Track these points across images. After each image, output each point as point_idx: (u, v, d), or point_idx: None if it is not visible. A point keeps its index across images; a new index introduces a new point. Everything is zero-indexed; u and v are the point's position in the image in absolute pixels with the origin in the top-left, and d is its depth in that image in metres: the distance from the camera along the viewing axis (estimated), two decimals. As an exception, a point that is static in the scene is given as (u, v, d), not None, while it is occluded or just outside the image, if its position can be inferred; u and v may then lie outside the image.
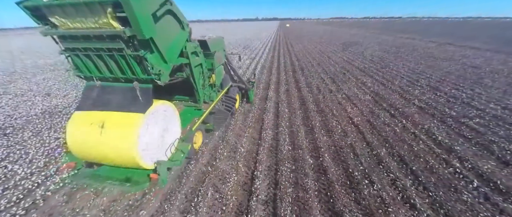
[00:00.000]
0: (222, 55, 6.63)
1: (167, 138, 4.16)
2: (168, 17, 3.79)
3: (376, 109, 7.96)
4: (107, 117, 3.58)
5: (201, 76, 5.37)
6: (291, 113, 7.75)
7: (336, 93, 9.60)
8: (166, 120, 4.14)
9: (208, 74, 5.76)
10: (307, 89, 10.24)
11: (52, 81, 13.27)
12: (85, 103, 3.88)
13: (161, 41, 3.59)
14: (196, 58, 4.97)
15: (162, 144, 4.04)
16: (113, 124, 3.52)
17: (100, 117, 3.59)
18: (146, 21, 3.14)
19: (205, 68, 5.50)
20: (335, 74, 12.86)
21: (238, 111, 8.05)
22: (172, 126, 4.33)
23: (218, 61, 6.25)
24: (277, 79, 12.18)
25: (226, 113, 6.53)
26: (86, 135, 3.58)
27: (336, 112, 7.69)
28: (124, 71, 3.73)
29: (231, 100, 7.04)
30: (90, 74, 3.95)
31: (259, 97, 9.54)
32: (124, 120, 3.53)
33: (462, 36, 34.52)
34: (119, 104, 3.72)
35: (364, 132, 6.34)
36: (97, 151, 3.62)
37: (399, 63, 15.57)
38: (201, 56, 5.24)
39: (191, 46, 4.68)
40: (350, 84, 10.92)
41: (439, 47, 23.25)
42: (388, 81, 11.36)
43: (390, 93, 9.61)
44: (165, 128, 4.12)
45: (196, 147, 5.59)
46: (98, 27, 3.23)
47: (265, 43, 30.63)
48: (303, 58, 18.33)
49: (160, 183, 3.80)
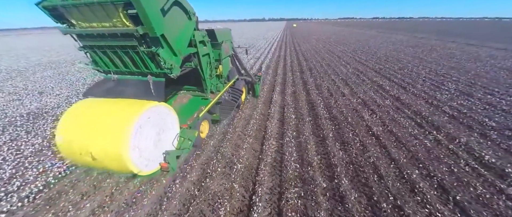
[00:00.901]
0: (229, 46, 6.68)
1: (163, 141, 4.03)
2: (175, 8, 3.82)
3: (398, 117, 6.81)
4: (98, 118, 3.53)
5: (208, 66, 5.41)
6: (299, 120, 6.72)
7: (350, 97, 8.48)
8: (161, 122, 3.97)
9: (215, 64, 5.86)
10: (317, 92, 9.18)
11: (49, 79, 12.80)
12: (97, 91, 4.22)
13: (171, 34, 3.70)
14: (203, 48, 5.03)
15: (157, 147, 3.91)
16: (104, 125, 3.43)
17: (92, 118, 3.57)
18: (156, 17, 3.28)
19: (212, 58, 5.58)
20: (347, 75, 11.70)
21: (237, 116, 7.12)
22: (168, 128, 4.18)
23: (225, 52, 6.30)
24: (283, 80, 11.16)
25: (232, 104, 6.58)
26: (76, 135, 3.49)
27: (352, 120, 6.60)
28: (139, 66, 3.96)
29: (237, 92, 7.05)
30: (107, 68, 4.24)
31: (263, 100, 8.56)
32: (115, 121, 3.43)
33: (482, 36, 32.20)
34: (134, 96, 3.90)
35: (388, 146, 5.24)
36: (86, 151, 3.41)
37: (419, 64, 14.18)
38: (209, 46, 5.29)
39: (199, 35, 4.74)
40: (365, 87, 9.76)
41: (460, 47, 21.48)
42: (408, 84, 10.10)
43: (413, 98, 8.39)
44: (160, 131, 3.97)
45: (202, 136, 5.62)
46: (112, 25, 3.40)
47: (271, 42, 29.60)
48: (311, 58, 17.19)
49: (170, 170, 3.97)
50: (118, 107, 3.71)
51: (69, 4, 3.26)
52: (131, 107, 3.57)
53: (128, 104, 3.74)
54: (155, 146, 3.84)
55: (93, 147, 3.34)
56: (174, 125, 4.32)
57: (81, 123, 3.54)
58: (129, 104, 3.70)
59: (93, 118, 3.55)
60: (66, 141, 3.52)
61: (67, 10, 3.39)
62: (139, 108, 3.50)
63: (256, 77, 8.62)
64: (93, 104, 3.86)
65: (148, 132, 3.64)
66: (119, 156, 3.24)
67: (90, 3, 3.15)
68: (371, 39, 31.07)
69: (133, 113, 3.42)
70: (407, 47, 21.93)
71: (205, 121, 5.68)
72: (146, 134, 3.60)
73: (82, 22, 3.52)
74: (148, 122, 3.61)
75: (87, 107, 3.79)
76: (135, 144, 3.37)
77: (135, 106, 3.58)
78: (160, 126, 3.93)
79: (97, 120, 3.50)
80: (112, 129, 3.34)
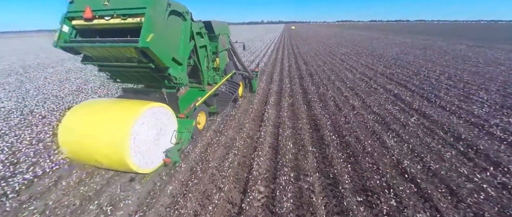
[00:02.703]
0: (226, 40, 6.74)
1: (162, 141, 4.14)
2: (171, 18, 3.99)
3: (434, 143, 5.00)
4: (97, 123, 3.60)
5: (205, 58, 5.50)
6: (299, 149, 4.88)
7: (362, 112, 6.67)
8: (158, 122, 4.04)
9: (212, 57, 5.92)
10: (320, 105, 7.36)
11: (21, 83, 10.89)
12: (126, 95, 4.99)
13: (174, 51, 4.14)
14: (201, 39, 5.12)
15: (157, 146, 4.03)
16: (106, 122, 3.56)
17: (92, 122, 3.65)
18: (165, 55, 3.81)
19: (209, 51, 5.65)
20: (354, 82, 9.92)
21: (213, 144, 5.26)
22: (166, 125, 4.26)
23: (222, 45, 6.34)
24: (279, 88, 9.34)
25: (229, 95, 6.60)
26: (77, 133, 3.61)
27: (372, 148, 4.78)
28: (152, 82, 4.60)
29: (234, 85, 7.08)
30: (125, 83, 5.32)
31: (252, 116, 6.72)
32: (116, 119, 3.54)
33: (487, 38, 30.81)
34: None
35: (432, 196, 3.42)
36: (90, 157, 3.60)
37: (433, 67, 12.47)
38: (206, 38, 5.35)
39: (196, 26, 4.80)
40: (379, 97, 7.97)
41: (471, 49, 19.90)
42: (430, 93, 8.33)
43: (442, 113, 6.60)
44: (160, 131, 4.07)
45: (200, 127, 5.67)
46: (128, 58, 3.87)
47: (267, 45, 27.91)
48: (311, 61, 15.45)
49: (174, 163, 4.24)
50: (114, 112, 3.78)
51: (85, 46, 3.71)
52: (128, 112, 3.61)
53: (124, 108, 3.80)
54: (156, 145, 3.99)
55: (96, 153, 3.48)
56: (171, 122, 4.42)
57: (81, 129, 3.62)
58: (126, 108, 3.77)
59: (93, 123, 3.63)
60: (70, 144, 3.66)
61: (84, 49, 3.89)
62: (134, 114, 3.55)
63: (253, 73, 8.62)
64: (92, 107, 4.02)
65: (146, 134, 3.74)
66: (122, 162, 3.40)
67: (105, 46, 3.55)
68: (374, 41, 29.50)
69: (129, 119, 3.46)
70: (414, 49, 20.30)
71: (202, 112, 5.74)
72: (144, 137, 3.70)
73: (99, 56, 3.97)
74: (144, 127, 3.68)
75: (87, 110, 3.90)
76: (135, 149, 3.48)
77: (131, 111, 3.61)
78: (158, 125, 4.03)
79: (97, 125, 3.58)
80: (111, 137, 3.39)
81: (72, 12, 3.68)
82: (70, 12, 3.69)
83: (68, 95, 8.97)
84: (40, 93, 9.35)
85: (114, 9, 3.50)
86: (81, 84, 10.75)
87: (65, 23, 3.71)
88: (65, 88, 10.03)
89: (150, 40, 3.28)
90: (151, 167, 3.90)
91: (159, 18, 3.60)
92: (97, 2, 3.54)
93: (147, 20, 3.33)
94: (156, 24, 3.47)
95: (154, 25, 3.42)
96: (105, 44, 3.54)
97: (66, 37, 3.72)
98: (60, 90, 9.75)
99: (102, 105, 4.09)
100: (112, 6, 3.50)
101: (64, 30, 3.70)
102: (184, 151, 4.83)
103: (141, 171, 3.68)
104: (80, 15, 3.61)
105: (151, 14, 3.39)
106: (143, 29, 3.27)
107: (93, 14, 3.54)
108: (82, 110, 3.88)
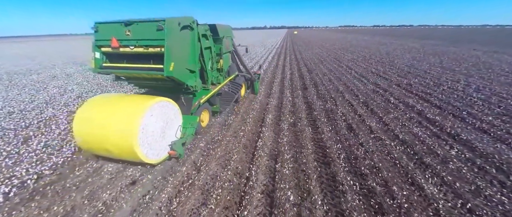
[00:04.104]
0: (229, 42, 7.06)
1: (168, 134, 4.35)
2: (182, 33, 4.40)
3: (489, 189, 3.57)
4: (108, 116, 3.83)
5: (210, 59, 5.78)
6: (302, 198, 3.49)
7: (383, 137, 5.27)
8: (165, 116, 4.24)
9: (216, 58, 6.20)
10: (329, 126, 5.99)
11: None
12: None
13: (188, 62, 4.76)
14: (206, 41, 5.40)
15: (163, 139, 4.23)
16: (117, 114, 3.81)
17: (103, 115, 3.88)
18: (184, 74, 4.62)
19: (214, 52, 5.95)
20: (367, 95, 8.54)
21: (172, 207, 3.91)
22: (171, 119, 4.44)
23: (226, 47, 6.66)
24: (278, 103, 8.00)
25: (231, 95, 6.92)
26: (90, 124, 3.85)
27: (406, 198, 3.37)
28: (173, 93, 5.08)
29: (237, 86, 7.31)
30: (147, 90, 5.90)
31: (243, 142, 5.34)
32: (127, 111, 3.80)
33: (499, 43, 29.15)
34: None
35: None
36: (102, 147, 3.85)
37: (454, 77, 11.01)
38: (211, 40, 5.68)
39: (202, 29, 5.11)
40: (400, 116, 6.57)
41: (488, 55, 18.36)
42: (461, 110, 6.90)
43: (487, 140, 5.16)
44: (166, 124, 4.28)
45: (203, 125, 5.91)
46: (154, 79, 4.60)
47: (269, 50, 26.79)
48: (315, 68, 14.14)
49: (178, 156, 4.35)
50: (125, 104, 4.02)
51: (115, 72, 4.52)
52: (138, 105, 3.85)
53: (134, 101, 4.05)
54: (162, 137, 4.18)
55: (107, 142, 3.72)
56: (177, 116, 4.60)
57: (94, 120, 3.84)
58: (136, 101, 4.02)
59: (105, 114, 3.86)
60: (83, 134, 3.91)
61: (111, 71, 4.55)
62: (144, 106, 3.76)
63: (256, 75, 8.85)
64: (103, 100, 4.25)
65: (154, 126, 3.94)
66: (131, 152, 3.64)
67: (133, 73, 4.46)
68: (381, 46, 28.13)
69: (139, 111, 3.69)
70: (427, 56, 18.85)
71: (205, 110, 5.98)
72: (152, 129, 3.90)
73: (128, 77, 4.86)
74: (152, 119, 3.87)
75: (100, 102, 4.18)
76: (144, 139, 3.70)
77: (141, 104, 3.83)
78: (164, 119, 4.22)
79: (108, 116, 3.80)
80: (121, 126, 3.62)
81: (100, 40, 4.23)
82: (98, 41, 4.24)
83: (32, 109, 7.74)
84: (6, 105, 8.18)
85: (136, 39, 4.02)
86: (56, 94, 9.60)
87: (96, 51, 4.29)
88: (36, 99, 8.86)
89: (173, 69, 4.01)
90: (157, 158, 4.11)
91: (175, 43, 4.11)
92: (120, 32, 4.03)
93: (167, 52, 3.87)
94: (174, 51, 4.06)
95: (173, 53, 4.02)
96: (133, 71, 4.30)
97: (99, 62, 4.38)
98: (29, 102, 8.58)
99: (114, 99, 4.34)
100: (133, 36, 4.02)
101: (96, 56, 4.31)
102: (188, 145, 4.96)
103: (147, 161, 3.89)
104: (108, 44, 4.14)
105: (170, 45, 3.90)
106: (165, 60, 3.86)
107: (119, 44, 4.07)
108: (95, 102, 4.16)
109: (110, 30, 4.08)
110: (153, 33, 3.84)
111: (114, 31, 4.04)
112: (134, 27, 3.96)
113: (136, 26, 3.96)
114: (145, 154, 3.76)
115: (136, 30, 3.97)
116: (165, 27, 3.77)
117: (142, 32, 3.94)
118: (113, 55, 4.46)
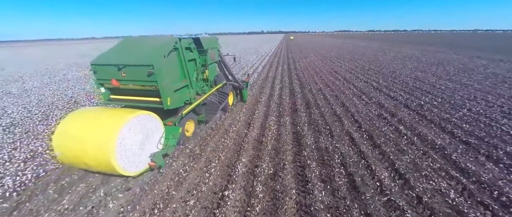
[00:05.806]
0: (215, 53, 7.18)
1: (148, 147, 4.36)
2: (169, 57, 4.68)
3: None
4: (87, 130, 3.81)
5: (194, 71, 5.86)
6: None
7: (400, 202, 3.52)
8: (144, 129, 4.24)
9: (202, 69, 6.32)
10: (322, 179, 4.22)
11: None
12: None
13: (180, 79, 5.24)
14: (190, 54, 5.54)
15: (143, 151, 4.23)
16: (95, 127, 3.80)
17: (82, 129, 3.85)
18: (179, 100, 5.11)
19: (198, 64, 6.02)
20: (370, 122, 6.85)
21: None
22: (152, 131, 4.47)
23: (212, 58, 6.78)
24: (259, 136, 6.22)
25: (217, 105, 6.87)
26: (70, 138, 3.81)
27: None
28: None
29: (223, 95, 7.27)
30: None
31: (201, 205, 3.56)
32: (104, 125, 3.79)
33: (499, 49, 28.12)
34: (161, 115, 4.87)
35: None
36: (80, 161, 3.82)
37: (472, 95, 9.42)
38: (195, 52, 5.79)
39: (185, 43, 5.28)
40: (419, 159, 4.85)
41: (496, 64, 17.01)
42: (496, 147, 5.23)
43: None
44: (145, 137, 4.28)
45: (188, 134, 5.94)
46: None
47: (262, 57, 25.23)
48: (309, 82, 12.49)
49: (159, 167, 4.51)
50: (104, 118, 3.99)
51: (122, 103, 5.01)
52: (115, 119, 3.86)
53: (113, 115, 4.03)
54: (142, 150, 4.21)
55: (85, 156, 3.72)
56: (158, 128, 4.64)
57: (73, 134, 3.82)
58: (114, 115, 4.01)
59: (84, 128, 3.85)
60: (62, 148, 3.87)
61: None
62: (121, 120, 3.80)
63: (243, 83, 8.81)
64: (84, 115, 4.19)
65: (132, 140, 3.96)
66: (108, 165, 3.66)
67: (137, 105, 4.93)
68: (379, 54, 26.79)
69: (116, 124, 3.72)
70: (430, 65, 17.41)
71: (191, 120, 6.00)
72: (130, 142, 3.92)
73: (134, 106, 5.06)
74: (130, 133, 3.90)
75: (79, 116, 4.13)
76: (121, 152, 3.72)
77: (119, 118, 3.85)
78: (143, 132, 4.24)
79: (87, 130, 3.80)
80: (98, 140, 3.63)
81: (100, 79, 4.64)
82: (99, 80, 4.65)
83: None
84: None
85: (132, 80, 4.42)
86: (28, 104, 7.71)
87: (100, 87, 4.79)
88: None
89: (170, 103, 4.65)
90: (136, 170, 4.12)
91: (167, 77, 4.51)
92: (116, 73, 4.37)
93: (162, 90, 4.42)
94: (167, 86, 4.54)
95: (168, 89, 4.55)
96: (137, 104, 4.87)
97: (106, 96, 4.95)
98: None
99: (95, 112, 4.31)
100: (128, 77, 4.38)
101: (103, 91, 4.85)
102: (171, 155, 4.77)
103: (126, 174, 3.89)
104: (109, 82, 4.57)
105: (163, 84, 4.39)
106: (163, 97, 4.47)
107: (119, 83, 4.53)
108: (77, 116, 4.13)
109: (107, 71, 4.41)
110: (144, 76, 4.19)
111: (111, 72, 4.37)
112: (127, 70, 4.27)
113: (129, 69, 4.25)
114: (123, 167, 3.78)
115: (129, 73, 4.29)
116: (154, 71, 4.10)
117: (135, 74, 4.27)
118: (118, 89, 4.86)
